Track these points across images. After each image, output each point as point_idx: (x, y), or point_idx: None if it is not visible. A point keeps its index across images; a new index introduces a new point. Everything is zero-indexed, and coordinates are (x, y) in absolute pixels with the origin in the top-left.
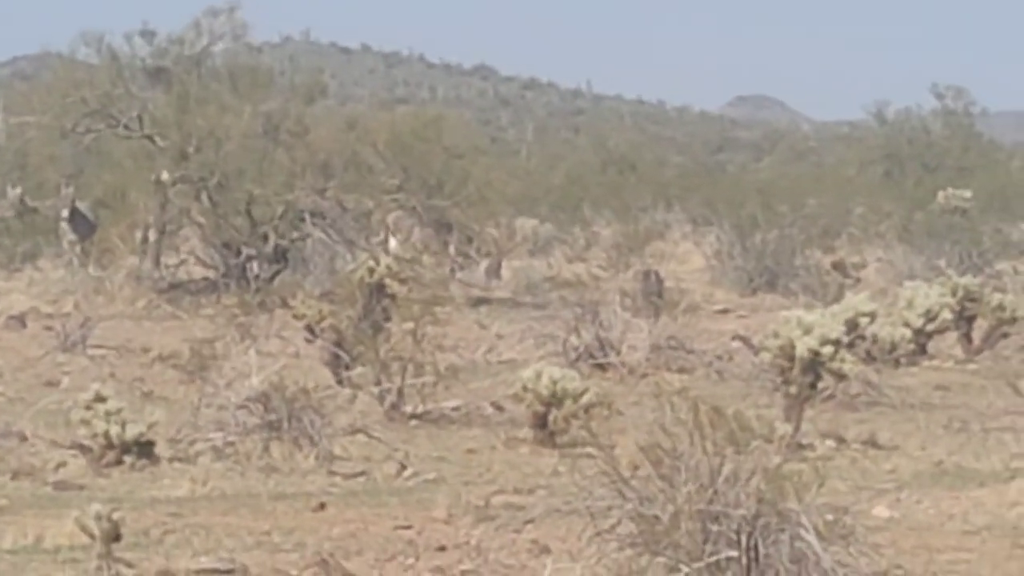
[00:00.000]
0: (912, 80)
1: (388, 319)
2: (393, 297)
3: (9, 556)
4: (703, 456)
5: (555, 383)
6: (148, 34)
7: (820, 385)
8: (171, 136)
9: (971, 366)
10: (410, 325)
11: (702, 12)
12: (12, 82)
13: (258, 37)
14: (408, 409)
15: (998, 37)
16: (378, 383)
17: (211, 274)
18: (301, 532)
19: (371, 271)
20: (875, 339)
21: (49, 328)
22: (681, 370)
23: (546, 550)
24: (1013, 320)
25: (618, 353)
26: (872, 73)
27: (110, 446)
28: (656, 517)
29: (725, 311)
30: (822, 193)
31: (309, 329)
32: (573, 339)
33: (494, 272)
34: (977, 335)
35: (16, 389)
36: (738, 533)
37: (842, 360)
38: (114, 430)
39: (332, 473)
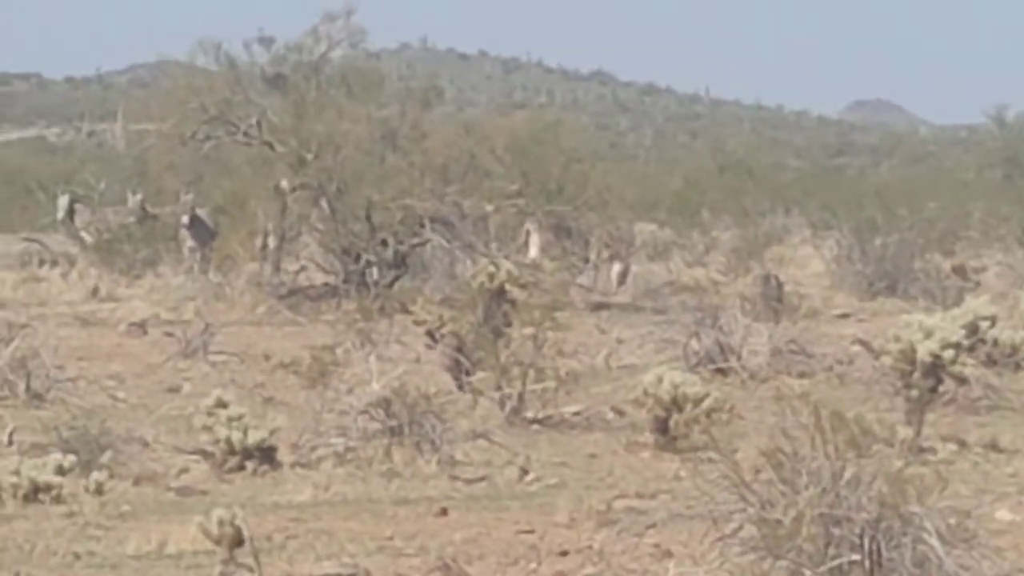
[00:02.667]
0: None
1: (509, 324)
2: (514, 302)
3: (133, 561)
4: (825, 460)
5: (676, 388)
6: (266, 41)
7: (941, 389)
8: (289, 143)
9: None
10: (531, 330)
11: (821, 17)
12: (131, 90)
13: (376, 43)
14: (529, 414)
15: None
16: (499, 388)
17: (331, 280)
18: (423, 537)
19: (491, 276)
20: (995, 342)
21: (170, 334)
22: (801, 374)
23: (668, 554)
24: None
25: (738, 358)
26: (991, 76)
27: (232, 452)
28: (778, 521)
29: (845, 315)
30: (941, 197)
31: (430, 334)
32: (693, 344)
33: (622, 277)
34: None
35: (138, 395)
36: (860, 537)
37: (963, 364)
38: (236, 436)
39: (454, 478)
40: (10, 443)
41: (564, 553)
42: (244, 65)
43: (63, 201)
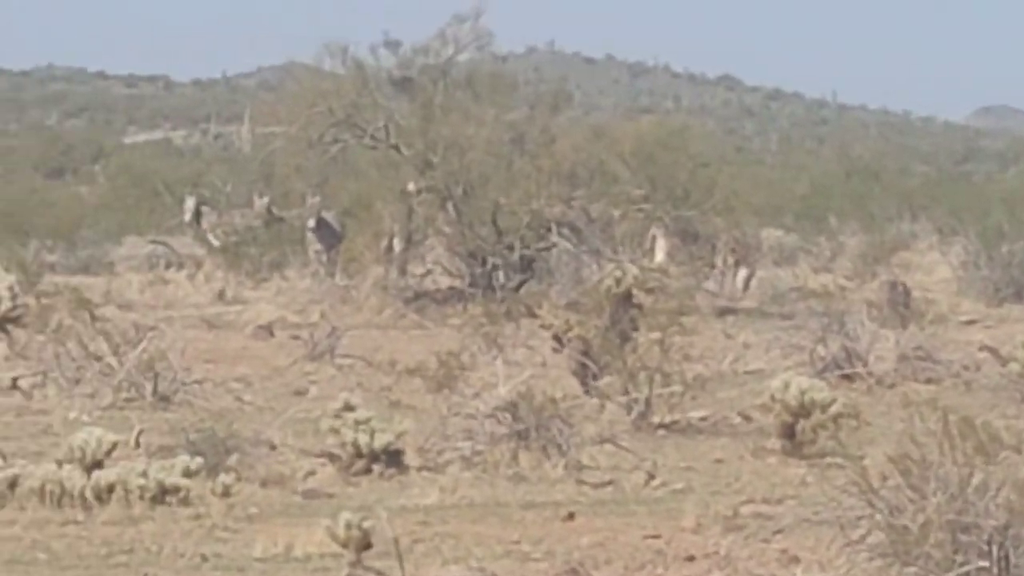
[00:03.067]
0: None
1: (635, 329)
2: (640, 307)
3: (260, 564)
4: (952, 466)
5: (803, 393)
6: (393, 44)
7: None
8: (416, 146)
9: None
10: (657, 335)
11: (947, 22)
12: (258, 92)
13: (503, 47)
14: (656, 419)
15: None
16: (626, 393)
17: (457, 284)
18: (550, 541)
19: (618, 281)
20: None
21: (296, 337)
22: (928, 381)
23: (795, 560)
24: None
25: (865, 364)
26: None
27: (359, 455)
28: (906, 527)
29: (971, 322)
30: None
31: (556, 339)
32: (820, 349)
33: (747, 282)
34: None
35: (265, 398)
36: (988, 544)
37: None
38: (363, 439)
39: (580, 482)
40: (137, 445)
41: (691, 558)
42: (371, 68)
43: (190, 204)
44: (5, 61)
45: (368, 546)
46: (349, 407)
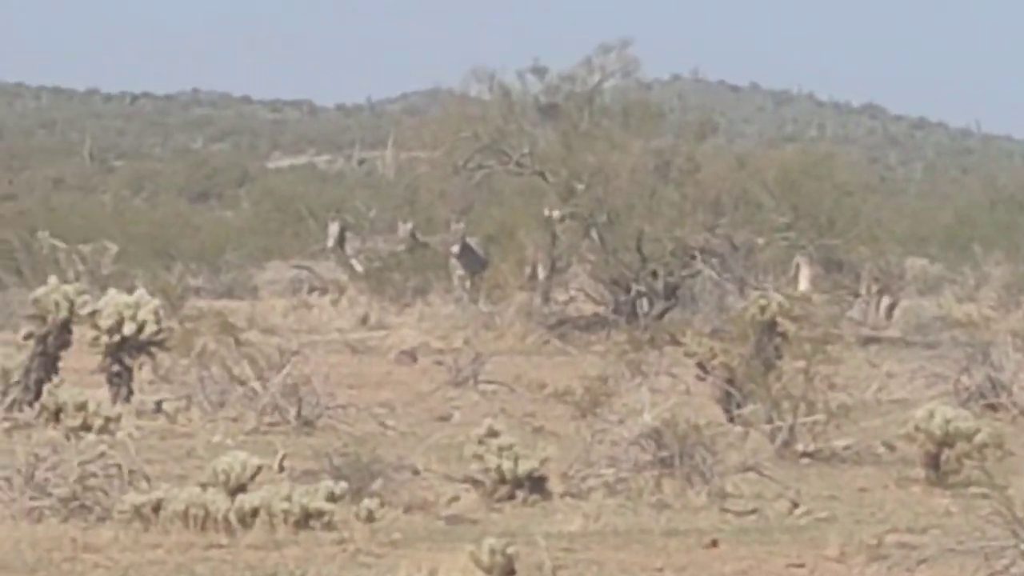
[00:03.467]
0: None
1: (779, 357)
2: (784, 335)
3: None
4: None
5: (948, 423)
6: (540, 71)
7: None
8: (560, 172)
9: None
10: (802, 363)
11: None
12: (402, 117)
13: (648, 75)
14: (799, 447)
15: None
16: (769, 421)
17: (601, 310)
18: (693, 569)
19: (763, 309)
20: None
21: (440, 363)
22: None
23: None
24: None
25: (1009, 393)
26: None
27: (503, 481)
28: None
29: None
30: None
31: (700, 366)
32: (964, 379)
33: (890, 311)
34: None
35: (408, 423)
36: None
37: None
38: (507, 465)
39: (724, 510)
40: (281, 469)
41: None
42: (517, 94)
43: (334, 229)
44: (151, 85)
45: (512, 572)
46: (493, 433)
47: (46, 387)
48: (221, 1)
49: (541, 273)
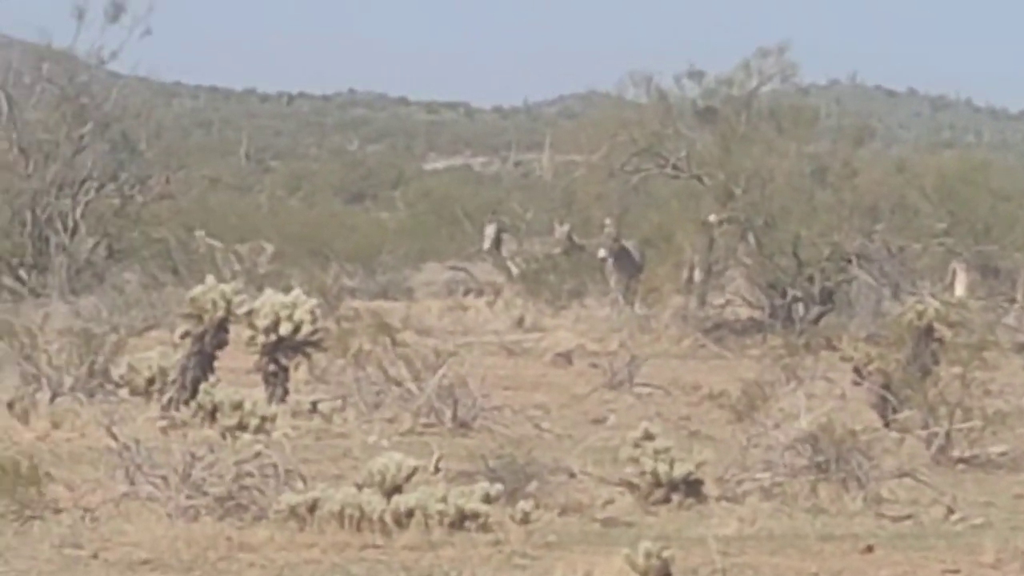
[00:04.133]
0: None
1: (936, 363)
2: (941, 341)
3: None
4: None
5: None
6: (697, 75)
7: None
8: (717, 176)
9: None
10: (958, 369)
11: None
12: (559, 120)
13: (805, 79)
14: (955, 453)
15: None
16: (925, 427)
17: (757, 315)
18: (848, 574)
19: (920, 314)
20: None
21: (595, 365)
22: None
23: None
24: None
25: None
26: None
27: (658, 484)
28: None
29: None
30: None
31: (856, 371)
32: None
33: None
34: None
35: (563, 426)
36: None
37: None
38: (662, 468)
39: (879, 515)
40: (437, 470)
41: None
42: (674, 98)
43: (490, 230)
44: (308, 86)
45: (667, 575)
46: (648, 436)
47: (202, 386)
48: (379, 3)
49: (697, 276)
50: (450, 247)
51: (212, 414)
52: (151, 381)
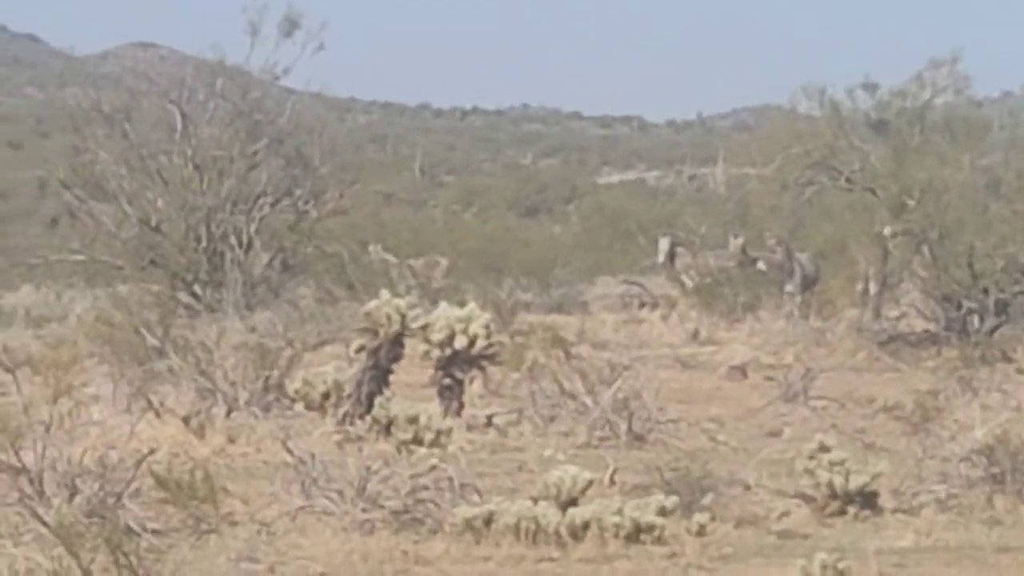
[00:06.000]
0: None
1: None
2: None
3: None
4: None
5: None
6: (870, 87)
7: None
8: (890, 188)
9: None
10: None
11: None
12: (732, 133)
13: (979, 91)
14: None
15: None
16: None
17: (931, 327)
18: None
19: None
20: None
21: (770, 378)
22: None
23: None
24: None
25: None
26: None
27: (833, 496)
28: None
29: None
30: None
31: None
32: None
33: None
34: None
35: (738, 438)
36: None
37: None
38: (838, 480)
39: None
40: (612, 483)
41: None
42: (847, 111)
43: (664, 244)
44: (481, 101)
45: None
46: (824, 448)
47: (378, 400)
48: (551, 16)
49: (872, 289)
50: (624, 261)
51: (387, 428)
52: (326, 395)
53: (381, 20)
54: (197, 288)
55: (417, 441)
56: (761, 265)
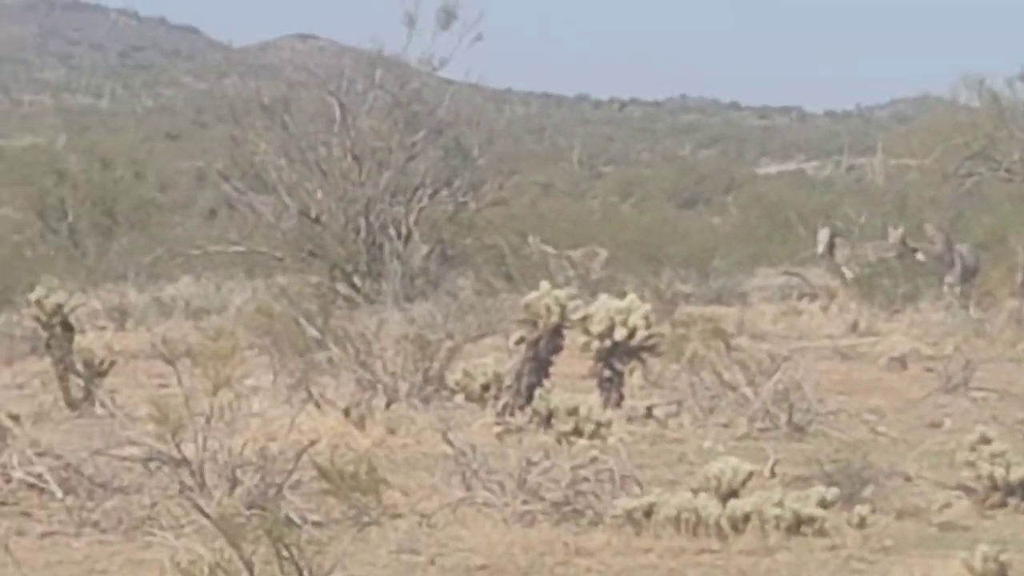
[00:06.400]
0: None
1: None
2: None
3: None
4: None
5: None
6: None
7: None
8: None
9: None
10: None
11: None
12: (891, 124)
13: None
14: None
15: None
16: None
17: None
18: None
19: None
20: None
21: (930, 370)
22: None
23: None
24: None
25: None
26: None
27: (995, 488)
28: None
29: None
30: None
31: None
32: None
33: None
34: None
35: (899, 430)
36: None
37: None
38: (999, 472)
39: None
40: (772, 475)
41: None
42: (1007, 101)
43: (823, 235)
44: (640, 92)
45: None
46: (985, 440)
47: (537, 392)
48: (710, 6)
49: None
50: (783, 252)
51: (547, 420)
52: (486, 387)
53: (539, 10)
54: (356, 279)
55: (577, 432)
56: (920, 256)
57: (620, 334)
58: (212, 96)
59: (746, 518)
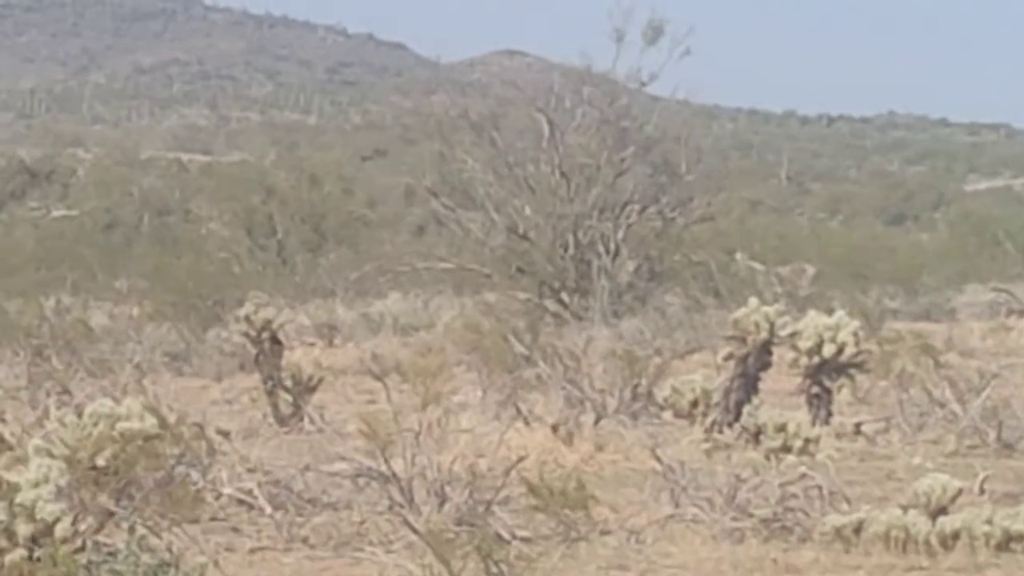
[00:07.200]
0: None
1: None
2: None
3: None
4: None
5: None
6: None
7: None
8: None
9: None
10: None
11: None
12: None
13: None
14: None
15: None
16: None
17: None
18: None
19: None
20: None
21: None
22: None
23: None
24: None
25: None
26: None
27: None
28: None
29: None
30: None
31: None
32: None
33: None
34: None
35: None
36: None
37: None
38: None
39: None
40: (982, 492)
41: None
42: None
43: None
44: (848, 108)
45: None
46: None
47: (746, 408)
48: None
49: None
50: (992, 268)
51: (756, 436)
52: (695, 403)
53: (747, 25)
54: (564, 296)
55: (786, 449)
56: None
57: (829, 351)
58: (419, 112)
59: (955, 535)
